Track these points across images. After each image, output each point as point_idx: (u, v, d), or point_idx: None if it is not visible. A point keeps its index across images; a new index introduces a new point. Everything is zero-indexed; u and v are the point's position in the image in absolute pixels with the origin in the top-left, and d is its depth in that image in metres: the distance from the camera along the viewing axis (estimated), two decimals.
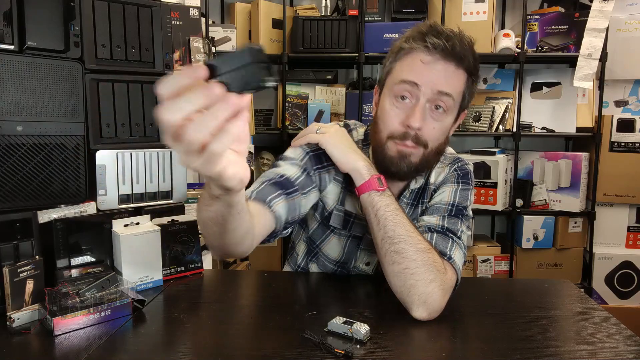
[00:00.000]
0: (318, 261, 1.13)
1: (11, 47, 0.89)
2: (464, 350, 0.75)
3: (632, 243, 2.54)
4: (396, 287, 0.87)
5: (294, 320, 0.84)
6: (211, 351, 0.74)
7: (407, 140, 0.92)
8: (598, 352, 0.73)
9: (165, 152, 1.10)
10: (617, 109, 2.59)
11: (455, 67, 0.91)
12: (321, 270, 1.14)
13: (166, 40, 1.09)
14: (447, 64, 0.91)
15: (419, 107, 0.91)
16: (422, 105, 0.91)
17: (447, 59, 0.90)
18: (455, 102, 0.93)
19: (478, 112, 2.50)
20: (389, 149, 0.94)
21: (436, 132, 0.93)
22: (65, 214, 0.96)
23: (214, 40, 2.36)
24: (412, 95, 0.92)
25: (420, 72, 0.91)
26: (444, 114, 0.93)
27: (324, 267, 1.13)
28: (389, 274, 0.88)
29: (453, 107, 0.94)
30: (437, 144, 0.95)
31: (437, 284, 0.84)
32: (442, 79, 0.91)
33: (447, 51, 0.89)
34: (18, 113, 0.90)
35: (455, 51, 0.90)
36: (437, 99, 0.91)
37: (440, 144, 0.97)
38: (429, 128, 0.92)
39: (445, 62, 0.90)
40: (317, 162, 1.02)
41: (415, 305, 0.84)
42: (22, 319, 0.82)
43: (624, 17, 2.45)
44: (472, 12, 2.38)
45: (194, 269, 1.10)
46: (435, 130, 0.93)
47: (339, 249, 1.09)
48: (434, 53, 0.90)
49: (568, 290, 1.02)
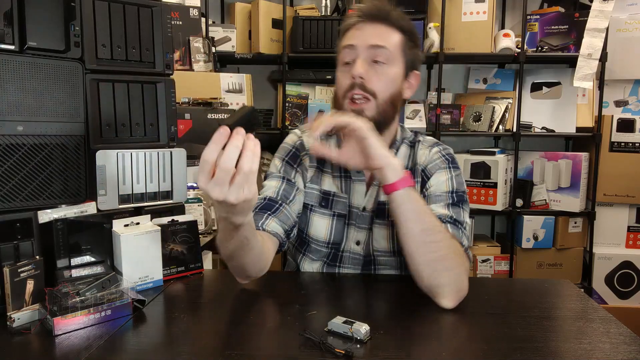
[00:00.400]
0: (311, 250, 1.14)
1: (11, 47, 0.89)
2: (464, 350, 0.75)
3: (632, 243, 2.54)
4: (425, 275, 0.90)
5: (294, 320, 0.84)
6: (211, 351, 0.74)
7: (355, 89, 1.01)
8: (598, 352, 0.73)
9: (165, 152, 1.10)
10: (617, 109, 2.59)
11: (386, 27, 1.04)
12: (315, 260, 1.14)
13: (166, 40, 1.09)
14: (377, 24, 1.03)
15: (359, 60, 1.02)
16: (361, 59, 1.02)
17: (376, 20, 1.03)
18: (393, 54, 1.03)
19: (478, 112, 2.50)
20: (346, 108, 1.03)
21: (382, 82, 1.02)
22: (66, 214, 0.96)
23: (214, 40, 2.36)
24: (352, 56, 1.03)
25: (354, 35, 1.04)
26: (385, 65, 1.02)
27: (318, 253, 1.13)
28: (420, 263, 0.91)
29: (392, 58, 1.03)
30: (387, 94, 1.03)
31: (464, 269, 0.92)
32: (373, 35, 1.02)
33: (374, 15, 1.03)
34: (18, 113, 0.90)
35: (381, 13, 1.03)
36: (373, 53, 1.02)
37: (392, 95, 1.04)
38: (372, 77, 1.01)
39: (375, 23, 1.03)
40: (293, 162, 1.13)
41: (446, 293, 0.89)
42: (23, 319, 0.82)
43: (624, 17, 2.45)
44: (472, 12, 2.38)
45: (194, 269, 1.10)
46: (381, 80, 1.02)
47: (325, 229, 1.11)
48: (364, 19, 1.04)
49: (568, 290, 1.02)
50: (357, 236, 1.12)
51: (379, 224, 1.10)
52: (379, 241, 1.10)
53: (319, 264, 1.15)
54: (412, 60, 1.07)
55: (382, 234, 1.10)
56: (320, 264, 1.15)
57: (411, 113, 2.52)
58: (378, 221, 1.10)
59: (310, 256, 1.15)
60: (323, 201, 1.12)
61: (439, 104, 2.46)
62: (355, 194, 1.11)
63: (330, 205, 1.12)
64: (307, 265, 1.16)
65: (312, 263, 1.16)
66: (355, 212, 1.10)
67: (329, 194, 1.12)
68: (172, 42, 1.12)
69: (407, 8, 2.42)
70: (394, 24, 1.04)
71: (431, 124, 2.49)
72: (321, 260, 1.15)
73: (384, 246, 1.10)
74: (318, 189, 1.13)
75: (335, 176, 1.12)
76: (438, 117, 2.45)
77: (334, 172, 1.13)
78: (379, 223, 1.10)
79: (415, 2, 2.43)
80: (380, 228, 1.10)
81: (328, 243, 1.12)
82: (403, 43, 1.04)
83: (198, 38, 2.25)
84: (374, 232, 1.10)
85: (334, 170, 1.13)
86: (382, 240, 1.10)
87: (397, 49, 1.03)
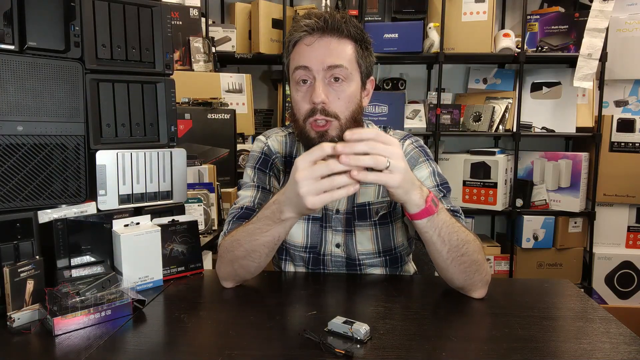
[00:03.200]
0: (291, 256, 1.13)
1: (11, 47, 0.89)
2: (464, 350, 0.75)
3: (632, 243, 2.54)
4: (460, 280, 0.94)
5: (294, 320, 0.84)
6: (211, 351, 0.74)
7: (317, 115, 0.98)
8: (598, 352, 0.73)
9: (165, 152, 1.10)
10: (617, 109, 2.59)
11: (338, 39, 0.99)
12: (298, 265, 1.13)
13: (166, 40, 1.09)
14: (329, 38, 0.99)
15: (317, 84, 0.98)
16: (319, 82, 0.98)
17: (327, 34, 0.99)
18: (350, 69, 1.00)
19: (478, 112, 2.50)
20: (309, 131, 1.00)
21: (342, 102, 1.00)
22: (66, 214, 0.96)
23: (214, 40, 2.36)
24: (308, 77, 0.99)
25: (307, 55, 0.99)
26: (344, 83, 0.99)
27: (297, 259, 1.13)
28: (454, 274, 0.93)
29: (350, 75, 1.00)
30: (349, 112, 1.01)
31: (484, 259, 0.96)
32: (328, 53, 0.98)
33: (324, 28, 0.98)
34: (18, 113, 0.90)
35: (331, 26, 0.98)
36: (330, 73, 0.98)
37: (353, 111, 1.01)
38: (333, 100, 0.99)
39: (326, 37, 0.99)
40: (265, 167, 1.13)
41: (478, 287, 0.95)
42: (23, 319, 0.82)
43: (624, 17, 2.45)
44: (472, 12, 2.38)
45: (194, 269, 1.10)
46: (341, 100, 0.99)
47: (301, 233, 1.10)
48: (314, 34, 0.99)
49: (568, 290, 1.02)
50: (335, 239, 1.11)
51: (362, 226, 1.09)
52: (362, 243, 1.10)
53: (302, 269, 1.14)
54: (367, 68, 1.05)
55: (365, 236, 1.09)
56: (304, 270, 1.14)
57: (411, 113, 2.52)
58: (360, 223, 1.09)
59: (293, 262, 1.14)
60: None
61: (439, 104, 2.46)
62: None
63: None
64: (292, 268, 1.15)
65: (296, 269, 1.15)
66: (331, 214, 1.10)
67: None
68: (172, 42, 1.12)
69: (407, 8, 2.44)
70: (346, 34, 1.00)
71: (431, 124, 2.49)
72: (304, 266, 1.14)
73: (369, 248, 1.10)
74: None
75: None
76: (438, 117, 2.45)
77: None
78: (361, 225, 1.09)
79: (415, 2, 2.43)
80: (363, 230, 1.09)
81: (305, 247, 1.11)
82: (357, 53, 1.02)
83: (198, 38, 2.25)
84: (357, 235, 1.09)
85: None
86: (366, 242, 1.10)
87: (353, 63, 1.01)
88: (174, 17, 2.20)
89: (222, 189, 1.79)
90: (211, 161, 1.90)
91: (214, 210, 1.59)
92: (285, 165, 1.14)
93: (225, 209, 1.77)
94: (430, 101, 2.57)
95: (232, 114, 1.99)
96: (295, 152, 1.15)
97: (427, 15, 2.46)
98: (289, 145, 1.16)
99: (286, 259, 1.16)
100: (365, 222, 1.09)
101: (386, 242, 1.10)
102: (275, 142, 1.16)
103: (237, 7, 2.50)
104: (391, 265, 1.14)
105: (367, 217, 1.09)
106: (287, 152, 1.15)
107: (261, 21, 2.42)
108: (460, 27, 2.40)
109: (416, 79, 2.77)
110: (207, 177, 1.68)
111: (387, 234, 1.10)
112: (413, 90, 2.74)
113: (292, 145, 1.15)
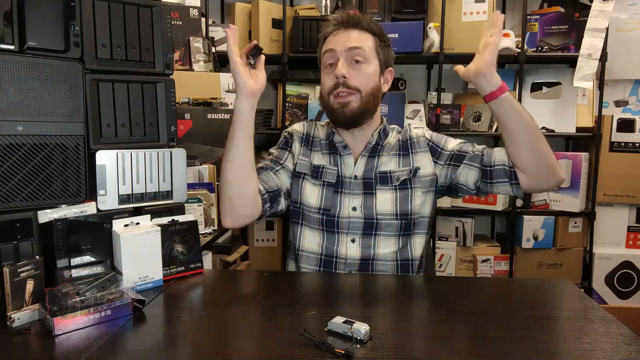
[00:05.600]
0: (306, 218, 1.23)
1: (11, 47, 0.89)
2: (464, 350, 0.75)
3: (632, 243, 2.54)
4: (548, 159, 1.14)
5: (294, 320, 0.84)
6: (211, 351, 0.74)
7: (340, 88, 1.16)
8: (598, 352, 0.73)
9: (165, 152, 1.10)
10: (617, 109, 2.59)
11: (359, 32, 1.19)
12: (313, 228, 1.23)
13: (166, 40, 1.09)
14: (351, 30, 1.19)
15: (340, 61, 1.17)
16: (342, 61, 1.17)
17: (350, 27, 1.19)
18: (369, 54, 1.18)
19: (478, 112, 2.50)
20: (332, 104, 1.19)
21: (362, 78, 1.18)
22: (66, 214, 0.96)
23: (214, 40, 2.36)
24: (334, 58, 1.19)
25: (333, 41, 1.20)
26: (364, 63, 1.18)
27: (312, 221, 1.22)
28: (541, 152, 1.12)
29: (368, 57, 1.18)
30: (369, 88, 1.18)
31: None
32: (350, 39, 1.18)
33: (348, 22, 1.19)
34: (18, 113, 0.90)
35: (354, 20, 1.19)
36: (352, 54, 1.17)
37: (373, 89, 1.19)
38: (354, 75, 1.17)
39: (349, 29, 1.19)
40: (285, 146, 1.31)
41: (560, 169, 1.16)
42: (23, 319, 0.82)
43: (624, 17, 2.45)
44: (472, 12, 2.38)
45: (194, 269, 1.10)
46: (361, 76, 1.18)
47: (316, 196, 1.23)
48: (339, 26, 1.20)
49: (568, 290, 1.02)
50: (352, 203, 1.21)
51: (383, 189, 1.21)
52: (382, 204, 1.20)
53: (318, 234, 1.22)
54: (385, 58, 1.23)
55: (386, 198, 1.20)
56: (320, 233, 1.22)
57: (411, 113, 2.52)
58: (381, 187, 1.21)
59: (308, 225, 1.24)
60: (314, 172, 1.25)
61: (439, 104, 2.46)
62: (345, 166, 1.24)
63: (320, 175, 1.24)
64: (308, 234, 1.23)
65: (312, 232, 1.22)
66: (348, 181, 1.23)
67: (319, 167, 1.25)
68: (172, 42, 1.12)
69: (407, 8, 2.43)
70: (367, 29, 1.19)
71: (431, 124, 2.49)
72: (319, 229, 1.22)
73: (388, 209, 1.20)
74: (309, 161, 1.27)
75: (323, 153, 1.27)
76: (438, 117, 2.45)
77: (323, 150, 1.28)
78: (382, 188, 1.21)
79: (415, 2, 2.43)
80: (384, 193, 1.21)
81: (319, 209, 1.22)
82: (376, 44, 1.20)
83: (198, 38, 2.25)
84: (377, 196, 1.21)
85: (323, 148, 1.28)
86: (386, 203, 1.20)
87: (372, 50, 1.19)
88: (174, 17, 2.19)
89: None
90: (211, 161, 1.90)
91: (214, 210, 1.59)
92: (304, 140, 1.31)
93: None
94: (430, 101, 2.57)
95: (232, 114, 1.98)
96: (313, 132, 1.32)
97: (427, 15, 2.46)
98: (308, 127, 1.34)
99: (302, 222, 1.24)
100: (387, 187, 1.22)
101: (404, 205, 1.20)
102: (297, 126, 1.35)
103: (237, 7, 2.50)
104: (404, 231, 1.21)
105: (389, 182, 1.22)
106: (305, 132, 1.32)
107: (261, 21, 2.42)
108: (460, 27, 2.40)
109: (416, 79, 2.77)
110: (207, 177, 1.68)
111: (405, 197, 1.21)
112: (413, 90, 2.74)
113: (311, 127, 1.33)
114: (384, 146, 1.25)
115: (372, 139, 1.24)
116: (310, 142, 1.30)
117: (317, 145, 1.29)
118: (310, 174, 1.25)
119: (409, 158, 1.24)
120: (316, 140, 1.30)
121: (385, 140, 1.26)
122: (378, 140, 1.25)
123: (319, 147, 1.29)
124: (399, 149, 1.26)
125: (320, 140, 1.30)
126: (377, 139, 1.25)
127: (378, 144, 1.25)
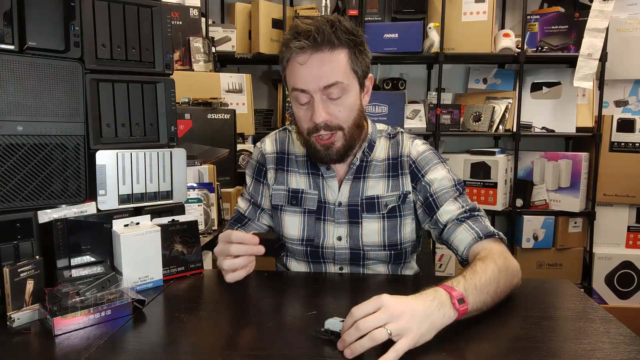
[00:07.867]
0: (290, 250, 1.17)
1: (11, 47, 0.89)
2: (464, 350, 0.75)
3: (632, 243, 2.54)
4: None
5: (294, 320, 0.84)
6: (211, 351, 0.74)
7: (321, 132, 1.02)
8: (598, 352, 0.73)
9: (165, 152, 1.10)
10: (617, 109, 2.59)
11: (330, 51, 0.98)
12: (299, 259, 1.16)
13: (166, 40, 1.09)
14: (321, 53, 0.98)
15: (316, 104, 1.00)
16: (317, 101, 1.00)
17: (318, 49, 0.97)
18: (347, 82, 1.00)
19: (478, 112, 2.50)
20: (314, 143, 1.04)
21: (343, 113, 1.02)
22: (66, 214, 0.96)
23: (214, 40, 2.36)
24: (307, 96, 1.01)
25: (302, 76, 0.99)
26: (342, 96, 1.01)
27: (296, 253, 1.15)
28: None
29: (347, 87, 1.01)
30: (351, 121, 1.04)
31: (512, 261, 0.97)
32: (322, 72, 0.98)
33: (313, 45, 0.97)
34: (18, 113, 0.90)
35: (320, 39, 0.96)
36: (328, 92, 0.99)
37: (355, 119, 1.04)
38: (334, 114, 1.01)
39: (318, 53, 0.98)
40: (259, 177, 1.20)
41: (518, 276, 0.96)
42: (22, 319, 0.82)
43: (624, 17, 2.45)
44: (472, 12, 2.38)
45: (194, 269, 1.10)
46: (342, 112, 1.02)
47: (297, 226, 1.13)
48: (305, 51, 0.98)
49: (568, 290, 1.02)
50: (337, 232, 1.12)
51: (369, 218, 1.11)
52: (369, 235, 1.10)
53: (305, 265, 1.17)
54: (363, 69, 1.04)
55: (372, 228, 1.10)
56: (306, 264, 1.16)
57: (411, 113, 2.52)
58: (368, 215, 1.10)
59: (294, 257, 1.17)
60: (292, 199, 1.15)
61: (439, 104, 2.46)
62: (327, 190, 1.13)
63: (300, 202, 1.14)
64: (295, 264, 1.18)
65: (298, 263, 1.17)
66: (331, 208, 1.12)
67: (297, 191, 1.15)
68: (172, 42, 1.12)
69: (407, 8, 2.44)
70: (338, 43, 0.98)
71: (431, 124, 2.49)
72: (305, 261, 1.16)
73: (375, 240, 1.11)
74: (285, 188, 1.16)
75: (301, 174, 1.15)
76: (438, 117, 2.45)
77: (300, 169, 1.16)
78: (368, 217, 1.11)
79: (415, 2, 2.43)
80: (371, 222, 1.11)
81: (302, 240, 1.13)
82: (351, 59, 1.00)
83: (198, 38, 2.25)
84: (364, 226, 1.10)
85: (300, 167, 1.16)
86: (373, 234, 1.10)
87: (349, 72, 1.00)
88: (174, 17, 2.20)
89: (222, 189, 1.79)
90: (211, 161, 1.90)
91: (214, 210, 1.59)
92: (277, 162, 1.18)
93: (225, 209, 1.78)
94: (430, 101, 2.57)
95: (232, 114, 1.99)
96: (287, 147, 1.18)
97: (427, 15, 2.46)
98: (280, 142, 1.19)
99: (286, 254, 1.18)
100: (373, 215, 1.10)
101: (393, 236, 1.11)
102: (268, 144, 1.21)
103: (237, 7, 2.50)
104: (394, 261, 1.14)
105: (376, 210, 1.10)
106: (278, 150, 1.19)
107: (261, 21, 2.42)
108: (460, 27, 2.40)
109: (416, 79, 2.77)
110: (207, 177, 1.68)
111: (394, 227, 1.11)
112: (413, 90, 2.74)
113: (284, 141, 1.19)
114: (370, 164, 1.12)
115: (356, 160, 1.11)
116: (286, 162, 1.17)
117: (294, 164, 1.16)
118: (289, 202, 1.15)
119: (398, 180, 1.11)
120: (291, 158, 1.17)
121: (372, 156, 1.13)
122: (363, 158, 1.12)
123: (296, 166, 1.16)
124: (387, 170, 1.12)
125: (296, 157, 1.16)
126: (362, 157, 1.12)
127: (363, 161, 1.12)
